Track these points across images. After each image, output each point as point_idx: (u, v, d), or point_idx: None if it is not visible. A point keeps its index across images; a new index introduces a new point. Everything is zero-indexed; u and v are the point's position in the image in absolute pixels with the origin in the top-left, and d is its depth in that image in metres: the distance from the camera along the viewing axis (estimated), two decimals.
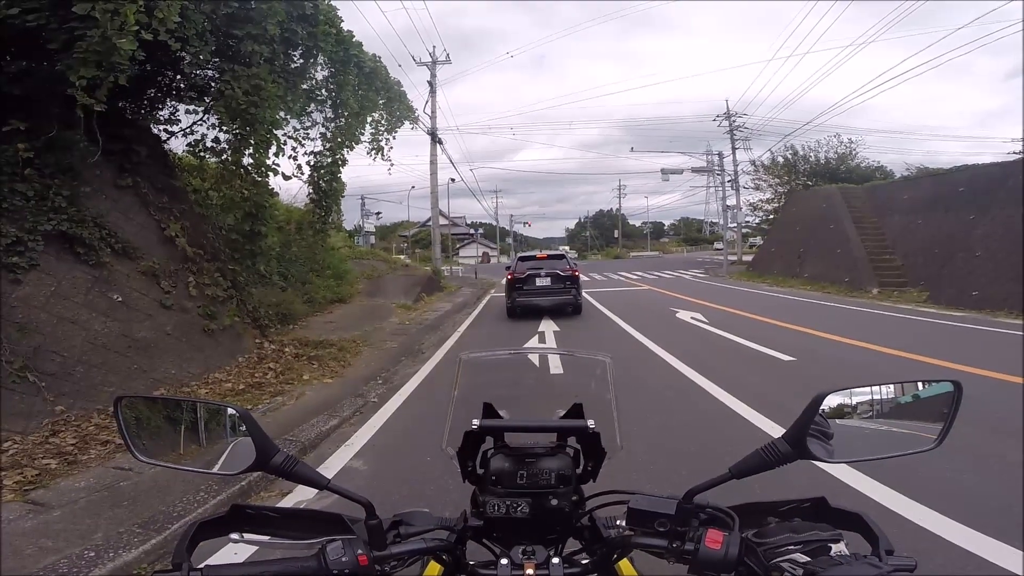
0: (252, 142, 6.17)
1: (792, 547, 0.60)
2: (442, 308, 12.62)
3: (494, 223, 58.27)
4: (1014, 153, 17.67)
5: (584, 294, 11.96)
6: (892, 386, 0.72)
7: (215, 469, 0.73)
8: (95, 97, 4.16)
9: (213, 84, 6.39)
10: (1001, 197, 10.99)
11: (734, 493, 0.72)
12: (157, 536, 2.49)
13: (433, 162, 20.41)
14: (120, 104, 5.93)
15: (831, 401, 0.69)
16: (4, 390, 3.72)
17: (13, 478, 3.08)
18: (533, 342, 8.07)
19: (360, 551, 0.66)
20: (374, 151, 8.64)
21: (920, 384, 0.73)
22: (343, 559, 0.65)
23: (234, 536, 0.69)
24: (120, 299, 4.96)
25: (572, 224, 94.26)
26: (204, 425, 0.75)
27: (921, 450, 0.70)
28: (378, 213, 42.25)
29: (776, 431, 0.70)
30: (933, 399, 0.72)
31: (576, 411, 0.82)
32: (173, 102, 7.12)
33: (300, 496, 2.93)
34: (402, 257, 27.32)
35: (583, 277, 12.66)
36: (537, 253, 12.61)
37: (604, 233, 77.42)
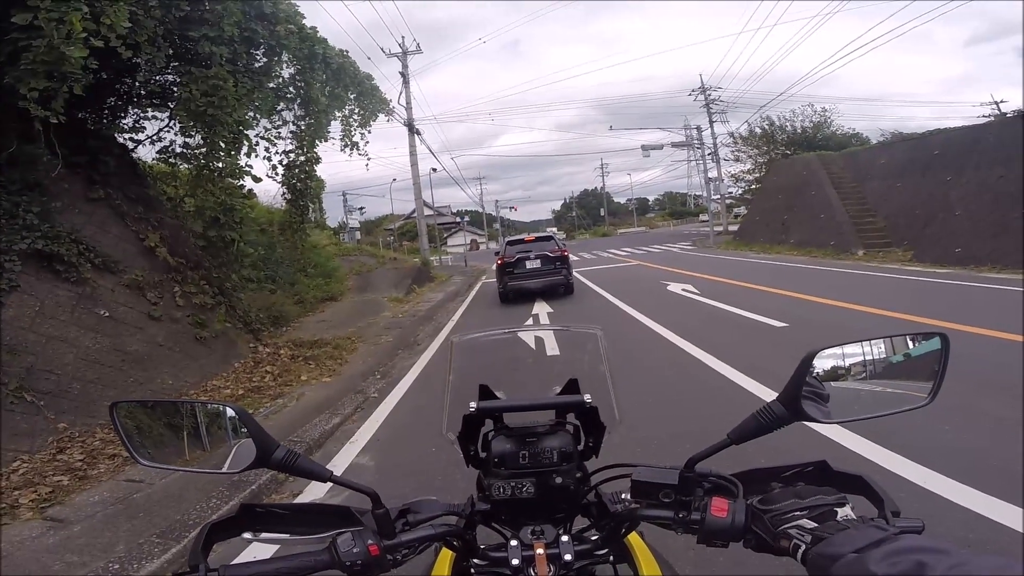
0: (222, 144, 6.04)
1: (798, 513, 0.60)
2: (434, 298, 12.58)
3: (480, 210, 58.01)
4: (983, 116, 18.02)
5: (575, 273, 11.97)
6: (881, 342, 0.73)
7: (219, 469, 0.73)
8: (51, 109, 4.02)
9: (175, 89, 6.22)
10: (975, 159, 11.21)
11: (738, 462, 0.73)
12: (176, 545, 2.53)
13: (413, 153, 20.16)
14: (80, 115, 5.75)
15: (824, 363, 0.70)
16: (4, 411, 3.69)
17: (28, 496, 3.10)
18: (528, 325, 8.09)
19: (371, 541, 0.66)
20: (347, 147, 8.44)
21: (909, 340, 0.74)
22: (354, 550, 0.65)
23: (246, 535, 0.70)
24: (107, 314, 4.88)
25: (558, 205, 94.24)
26: (206, 429, 0.75)
27: (915, 407, 0.71)
28: (361, 208, 41.89)
29: (773, 398, 0.72)
30: (923, 356, 0.72)
31: (572, 387, 0.82)
32: (136, 109, 6.94)
33: (310, 497, 2.95)
34: (390, 250, 27.12)
35: (573, 257, 12.65)
36: (525, 236, 12.56)
37: (590, 212, 77.33)
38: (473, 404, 0.79)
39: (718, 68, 77.10)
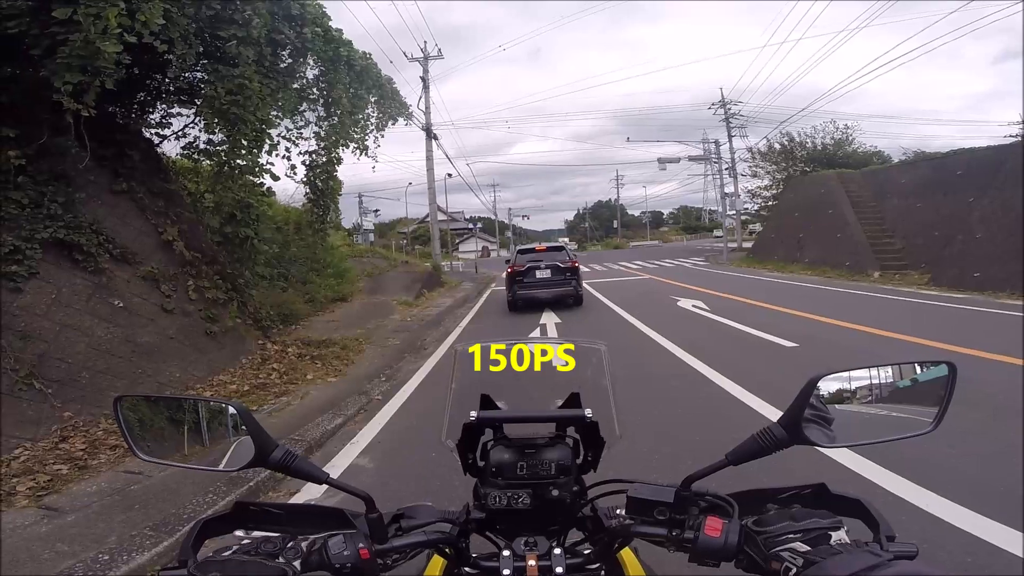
0: (244, 142, 6.14)
1: (792, 535, 0.60)
2: (443, 303, 12.62)
3: (492, 217, 58.21)
4: (1009, 136, 17.64)
5: (585, 285, 11.94)
6: (889, 368, 0.72)
7: (217, 467, 0.74)
8: (83, 102, 4.12)
9: (202, 86, 6.36)
10: (999, 180, 10.98)
11: (738, 481, 0.72)
12: (169, 538, 2.53)
13: (429, 158, 20.36)
14: (110, 109, 5.89)
15: (829, 386, 0.69)
16: (11, 398, 3.74)
17: (26, 484, 3.12)
18: (535, 335, 8.07)
19: (362, 545, 0.66)
20: (359, 150, 8.51)
21: (916, 367, 0.73)
22: (344, 553, 0.65)
23: (238, 533, 0.70)
24: (121, 304, 4.96)
25: (571, 215, 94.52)
26: (207, 425, 0.76)
27: (918, 433, 0.70)
28: (376, 211, 42.24)
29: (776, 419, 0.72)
30: (929, 382, 0.72)
31: (573, 400, 0.82)
32: (163, 105, 7.09)
33: (307, 497, 2.95)
34: (402, 253, 27.29)
35: (583, 268, 12.63)
36: (536, 245, 12.55)
37: (603, 224, 77.35)
38: (474, 413, 0.79)
39: (740, 81, 77.08)
